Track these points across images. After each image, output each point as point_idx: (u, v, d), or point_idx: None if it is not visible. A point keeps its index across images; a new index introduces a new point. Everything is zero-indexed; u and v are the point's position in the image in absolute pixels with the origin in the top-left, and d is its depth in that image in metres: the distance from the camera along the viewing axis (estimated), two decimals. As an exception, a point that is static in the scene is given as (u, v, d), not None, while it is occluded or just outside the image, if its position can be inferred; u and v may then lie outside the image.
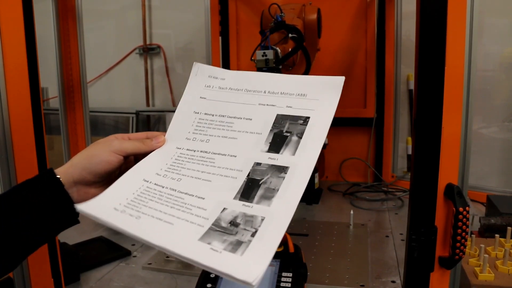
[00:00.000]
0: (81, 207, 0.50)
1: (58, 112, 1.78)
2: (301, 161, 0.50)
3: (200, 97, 0.62)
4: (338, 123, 1.92)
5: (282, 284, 0.80)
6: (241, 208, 0.47)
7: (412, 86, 1.92)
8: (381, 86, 1.85)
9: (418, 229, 0.70)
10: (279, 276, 0.82)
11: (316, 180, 1.72)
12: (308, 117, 0.54)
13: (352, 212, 1.41)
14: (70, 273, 1.02)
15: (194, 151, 0.57)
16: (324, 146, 1.74)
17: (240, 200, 0.48)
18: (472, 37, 0.69)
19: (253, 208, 0.46)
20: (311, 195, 1.66)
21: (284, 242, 0.89)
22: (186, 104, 0.62)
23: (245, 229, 0.44)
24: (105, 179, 0.56)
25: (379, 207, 1.59)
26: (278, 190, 0.47)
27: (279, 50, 1.32)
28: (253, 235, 0.43)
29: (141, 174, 0.55)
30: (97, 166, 0.54)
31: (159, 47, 2.45)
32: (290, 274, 0.82)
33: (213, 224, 0.45)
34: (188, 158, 0.56)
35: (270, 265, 0.84)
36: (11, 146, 0.79)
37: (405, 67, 1.86)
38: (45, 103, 2.63)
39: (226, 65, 2.00)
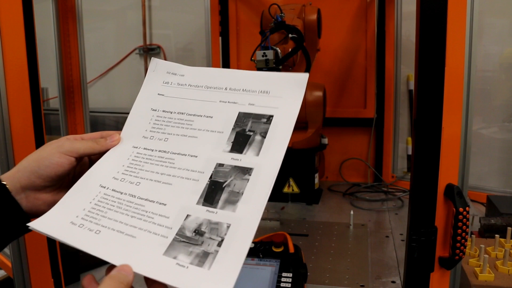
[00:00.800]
0: (34, 225, 0.46)
1: (58, 113, 1.78)
2: (266, 162, 0.48)
3: (158, 94, 0.59)
4: (338, 123, 1.95)
5: (282, 284, 0.80)
6: (205, 214, 0.44)
7: (412, 87, 1.92)
8: (381, 87, 1.85)
9: (418, 229, 0.70)
10: (279, 276, 0.82)
11: (316, 180, 1.72)
12: (272, 116, 0.52)
13: (352, 212, 1.41)
14: (70, 273, 1.02)
15: (152, 150, 0.54)
16: (324, 146, 1.74)
17: (203, 205, 0.45)
18: (472, 38, 0.69)
19: (218, 214, 0.44)
20: (311, 195, 1.66)
21: (284, 243, 0.89)
22: (143, 101, 0.59)
23: (210, 237, 0.42)
24: (57, 183, 0.52)
25: (379, 207, 1.59)
26: (242, 193, 0.45)
27: (279, 50, 1.32)
28: (219, 244, 0.41)
29: (96, 179, 0.51)
30: (46, 169, 0.50)
31: (159, 47, 2.45)
32: (290, 275, 0.82)
33: (177, 234, 0.43)
34: (146, 159, 0.53)
35: (270, 265, 0.85)
36: (11, 146, 0.79)
37: (405, 68, 1.86)
38: (45, 103, 2.63)
39: (226, 65, 2.00)
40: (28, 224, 0.46)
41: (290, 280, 0.81)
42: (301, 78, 0.53)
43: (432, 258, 0.71)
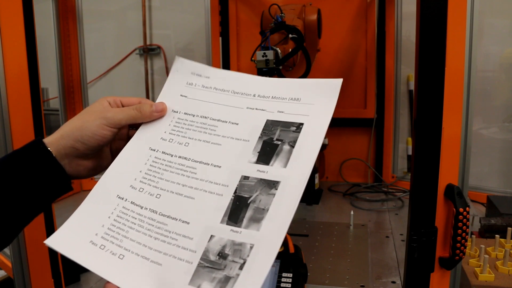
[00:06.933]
0: (51, 243, 0.44)
1: (58, 113, 1.78)
2: (293, 175, 0.45)
3: (181, 95, 0.56)
4: (338, 124, 1.94)
5: (282, 285, 0.80)
6: (229, 234, 0.42)
7: (412, 87, 1.92)
8: (381, 87, 1.85)
9: (419, 229, 0.70)
10: (279, 277, 0.82)
11: (316, 180, 1.72)
12: (302, 124, 0.49)
13: (352, 212, 1.41)
14: (70, 273, 1.02)
15: (172, 155, 0.50)
16: (324, 146, 1.74)
17: (227, 224, 0.43)
18: (472, 38, 0.69)
19: (242, 234, 0.42)
20: (311, 196, 1.66)
21: (284, 243, 0.89)
22: (164, 101, 0.56)
23: (233, 260, 0.40)
24: (99, 151, 0.53)
25: (379, 208, 1.59)
26: (268, 210, 0.43)
27: (279, 51, 1.32)
28: (241, 267, 0.39)
29: (113, 188, 0.49)
30: (89, 139, 0.50)
31: (159, 47, 2.45)
32: (290, 275, 0.82)
33: (201, 259, 0.41)
34: (165, 165, 0.50)
35: (270, 265, 0.85)
36: (11, 147, 0.79)
37: (405, 68, 1.86)
38: (45, 104, 2.63)
39: (226, 65, 2.00)
40: (44, 242, 0.44)
41: (290, 280, 0.81)
42: (334, 84, 0.51)
43: (432, 258, 0.71)
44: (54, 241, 0.44)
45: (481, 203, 1.54)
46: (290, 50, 1.35)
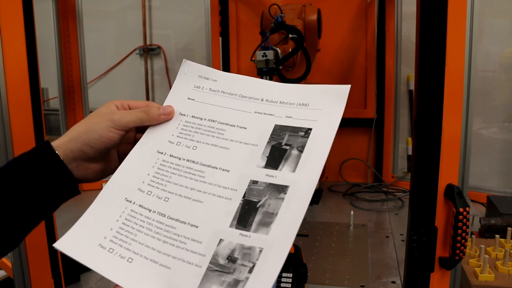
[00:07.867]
0: (60, 247, 0.44)
1: (58, 113, 1.78)
2: (302, 180, 0.45)
3: (188, 98, 0.56)
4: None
5: (282, 285, 0.80)
6: (238, 238, 0.42)
7: (412, 87, 1.92)
8: (381, 87, 1.85)
9: (419, 229, 0.70)
10: (279, 277, 0.82)
11: (316, 180, 1.72)
12: (310, 129, 0.49)
13: (352, 212, 1.41)
14: (70, 273, 1.02)
15: (179, 159, 0.50)
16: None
17: (236, 228, 0.43)
18: (472, 38, 0.69)
19: (251, 238, 0.42)
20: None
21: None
22: (172, 104, 0.56)
23: (242, 264, 0.40)
24: (106, 154, 0.53)
25: (379, 208, 1.59)
26: (277, 214, 0.43)
27: (279, 51, 1.32)
28: (250, 270, 0.40)
29: (121, 191, 0.49)
30: (96, 142, 0.50)
31: (159, 47, 2.45)
32: (291, 275, 0.82)
33: (210, 263, 0.41)
34: (173, 169, 0.50)
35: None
36: (11, 147, 0.79)
37: (405, 68, 1.86)
38: (45, 104, 2.63)
39: (226, 65, 2.00)
40: (53, 245, 0.44)
41: (290, 280, 0.81)
42: (342, 90, 0.51)
43: (432, 258, 0.71)
44: (63, 244, 0.44)
45: (481, 203, 1.54)
46: (290, 50, 1.35)
